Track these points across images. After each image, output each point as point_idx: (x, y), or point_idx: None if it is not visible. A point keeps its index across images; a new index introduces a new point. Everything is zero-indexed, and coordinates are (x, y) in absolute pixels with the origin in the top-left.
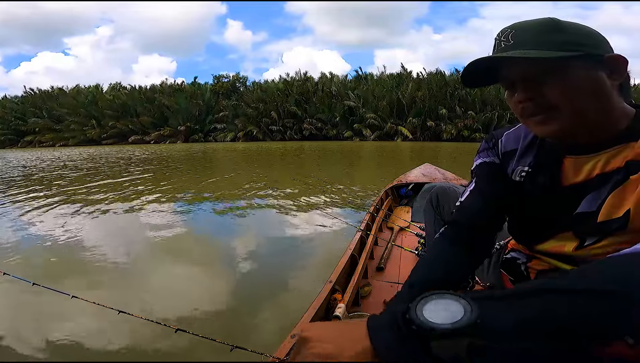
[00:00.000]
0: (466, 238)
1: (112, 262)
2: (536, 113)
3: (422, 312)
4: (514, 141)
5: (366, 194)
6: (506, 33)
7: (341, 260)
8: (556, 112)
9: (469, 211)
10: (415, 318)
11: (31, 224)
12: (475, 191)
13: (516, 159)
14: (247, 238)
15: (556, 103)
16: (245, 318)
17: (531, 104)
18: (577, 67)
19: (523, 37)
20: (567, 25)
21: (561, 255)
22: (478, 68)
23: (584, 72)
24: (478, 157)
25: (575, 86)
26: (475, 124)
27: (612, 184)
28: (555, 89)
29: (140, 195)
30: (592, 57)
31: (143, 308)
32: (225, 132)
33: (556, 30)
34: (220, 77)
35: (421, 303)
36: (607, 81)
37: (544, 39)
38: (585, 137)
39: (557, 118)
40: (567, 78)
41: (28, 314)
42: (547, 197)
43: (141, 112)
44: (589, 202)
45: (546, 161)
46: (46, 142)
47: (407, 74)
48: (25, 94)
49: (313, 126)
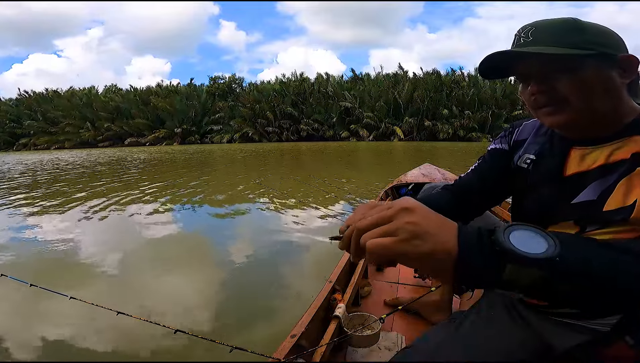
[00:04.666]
0: (453, 198)
1: (111, 264)
2: (547, 104)
3: (508, 237)
4: (527, 131)
5: (366, 194)
6: (527, 30)
7: (341, 260)
8: (566, 104)
9: (463, 185)
10: (501, 240)
11: (30, 227)
12: (475, 170)
13: (524, 148)
14: (246, 239)
15: (566, 96)
16: (245, 319)
17: (543, 96)
18: (590, 66)
19: (542, 34)
20: (586, 26)
21: None
22: (495, 61)
23: (597, 70)
24: (492, 143)
25: (588, 83)
26: (471, 123)
27: (618, 175)
28: (567, 84)
29: (138, 198)
30: (606, 57)
31: (142, 310)
32: (222, 134)
33: (575, 30)
34: (216, 78)
35: (509, 229)
36: (619, 79)
37: (562, 37)
38: (592, 130)
39: (566, 110)
40: (580, 75)
41: (26, 315)
42: (549, 184)
43: (135, 114)
44: (590, 191)
45: (552, 150)
46: (41, 145)
47: (403, 74)
48: (19, 97)
49: (309, 126)
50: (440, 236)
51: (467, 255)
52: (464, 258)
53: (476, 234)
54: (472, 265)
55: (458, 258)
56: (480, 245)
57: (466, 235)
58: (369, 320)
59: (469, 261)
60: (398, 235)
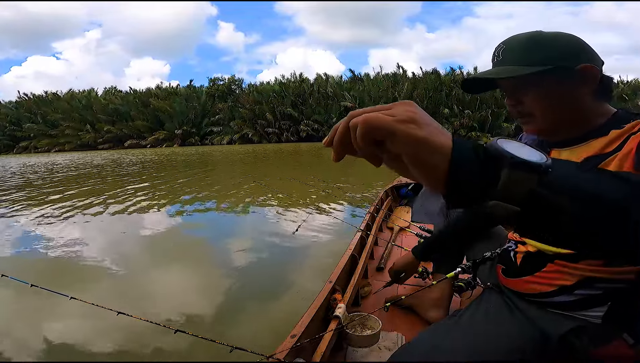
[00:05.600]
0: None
1: (111, 265)
2: (518, 116)
3: (502, 145)
4: (526, 135)
5: (366, 194)
6: (499, 49)
7: (341, 260)
8: (531, 117)
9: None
10: (496, 147)
11: (31, 228)
12: None
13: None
14: (246, 239)
15: (531, 110)
16: (245, 319)
17: (514, 109)
18: (551, 80)
19: (509, 53)
20: (546, 41)
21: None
22: (474, 82)
23: (557, 84)
24: None
25: (548, 96)
26: (471, 122)
27: None
28: (531, 99)
29: (139, 200)
30: (565, 70)
31: (142, 310)
32: (222, 135)
33: (537, 46)
34: (216, 79)
35: (500, 140)
36: (580, 88)
37: (525, 55)
38: (563, 134)
39: (532, 121)
40: (541, 89)
41: (27, 315)
42: None
43: (135, 116)
44: None
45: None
46: (42, 148)
47: (402, 74)
48: (19, 99)
49: (309, 127)
50: (436, 129)
51: (461, 154)
52: (458, 156)
53: (469, 141)
54: (467, 167)
55: (452, 156)
56: (474, 149)
57: (459, 140)
58: (369, 320)
59: (463, 160)
60: (395, 116)
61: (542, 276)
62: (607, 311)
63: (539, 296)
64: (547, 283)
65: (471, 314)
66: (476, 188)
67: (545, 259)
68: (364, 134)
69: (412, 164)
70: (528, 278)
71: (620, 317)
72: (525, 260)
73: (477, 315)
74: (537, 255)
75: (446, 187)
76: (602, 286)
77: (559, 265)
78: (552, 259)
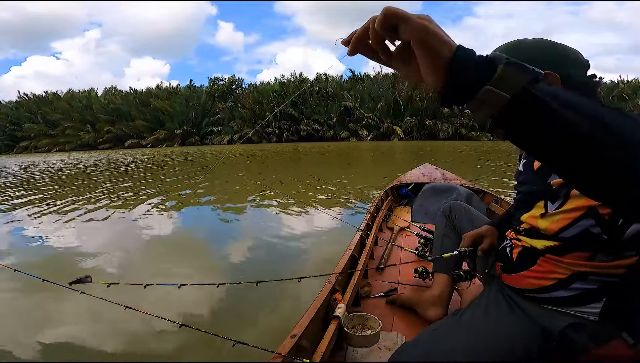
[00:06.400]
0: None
1: (118, 261)
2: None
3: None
4: None
5: (366, 193)
6: None
7: (341, 260)
8: None
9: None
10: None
11: (40, 225)
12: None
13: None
14: (246, 238)
15: None
16: (245, 319)
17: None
18: None
19: None
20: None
21: (534, 229)
22: None
23: None
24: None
25: None
26: (472, 122)
27: None
28: None
29: (143, 198)
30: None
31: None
32: (222, 135)
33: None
34: (216, 79)
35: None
36: None
37: None
38: None
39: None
40: None
41: (39, 309)
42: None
43: (135, 116)
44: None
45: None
46: (42, 148)
47: None
48: (19, 99)
49: (309, 127)
50: (445, 32)
51: (464, 49)
52: (462, 49)
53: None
54: (469, 57)
55: (457, 48)
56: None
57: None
58: (369, 320)
59: (466, 52)
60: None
61: (536, 270)
62: (603, 307)
63: (538, 291)
64: (543, 277)
65: (471, 313)
66: (473, 77)
67: (537, 254)
68: (383, 18)
69: (419, 47)
70: (524, 273)
71: (617, 314)
72: (520, 255)
73: (477, 315)
74: (529, 250)
75: (445, 72)
76: (595, 280)
77: (549, 259)
78: (543, 253)
